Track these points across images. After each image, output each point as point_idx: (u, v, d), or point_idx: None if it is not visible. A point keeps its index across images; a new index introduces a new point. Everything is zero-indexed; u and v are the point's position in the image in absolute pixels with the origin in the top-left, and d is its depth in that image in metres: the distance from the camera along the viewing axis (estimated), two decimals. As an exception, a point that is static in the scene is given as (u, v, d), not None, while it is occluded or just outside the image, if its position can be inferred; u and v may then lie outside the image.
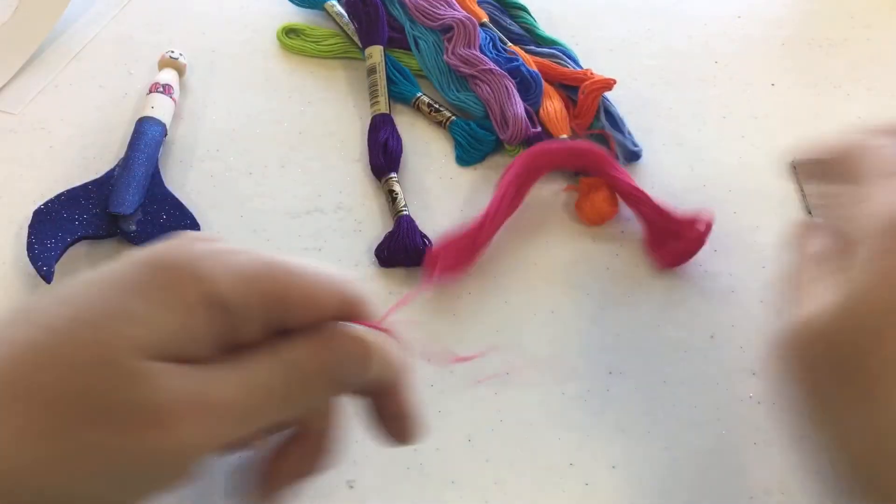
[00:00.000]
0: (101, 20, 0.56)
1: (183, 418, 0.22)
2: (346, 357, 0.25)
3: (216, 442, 0.23)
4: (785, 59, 0.54)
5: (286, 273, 0.24)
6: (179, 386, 0.22)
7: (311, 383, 0.25)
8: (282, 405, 0.24)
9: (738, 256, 0.42)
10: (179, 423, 0.22)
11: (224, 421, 0.23)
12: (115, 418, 0.21)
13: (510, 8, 0.55)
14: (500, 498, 0.34)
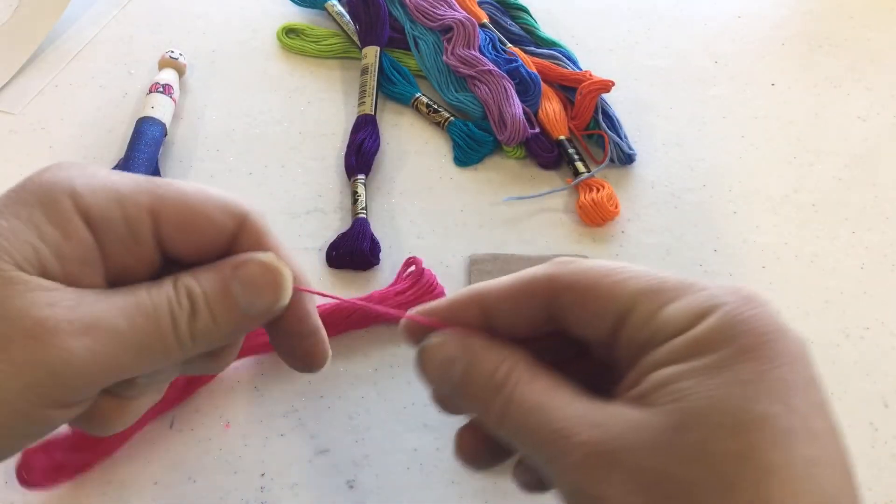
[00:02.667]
0: (101, 20, 0.56)
1: (65, 336, 0.21)
2: (252, 285, 0.24)
3: (106, 370, 0.21)
4: (785, 59, 0.54)
5: (165, 190, 0.23)
6: (63, 303, 0.21)
7: (210, 312, 0.23)
8: (177, 335, 0.23)
9: (738, 256, 0.42)
10: (61, 340, 0.21)
11: (111, 346, 0.21)
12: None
13: (511, 9, 0.55)
14: (499, 498, 0.34)
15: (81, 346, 0.21)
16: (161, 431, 0.35)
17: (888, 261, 0.42)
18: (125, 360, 0.22)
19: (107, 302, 0.22)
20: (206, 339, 0.24)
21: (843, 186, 0.46)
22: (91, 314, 0.22)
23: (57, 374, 0.21)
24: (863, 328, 0.39)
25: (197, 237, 0.24)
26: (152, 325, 0.22)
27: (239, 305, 0.23)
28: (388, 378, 0.37)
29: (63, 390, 0.21)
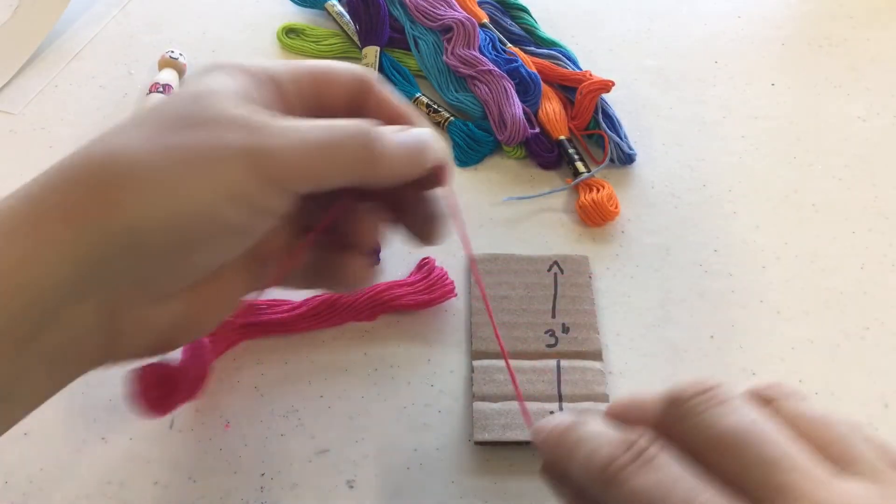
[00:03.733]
0: (101, 20, 0.56)
1: (278, 131, 0.25)
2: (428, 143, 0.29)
3: (310, 168, 0.26)
4: (785, 59, 0.54)
5: (303, 62, 0.30)
6: (270, 115, 0.26)
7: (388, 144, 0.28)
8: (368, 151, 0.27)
9: (738, 256, 0.42)
10: (275, 132, 0.25)
11: (314, 148, 0.26)
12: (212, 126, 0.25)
13: (511, 9, 0.55)
14: (499, 498, 0.34)
15: (288, 141, 0.25)
16: (161, 431, 0.35)
17: (888, 261, 0.42)
18: (319, 162, 0.26)
19: (306, 120, 0.27)
20: (382, 163, 0.28)
21: (843, 186, 0.46)
22: (294, 123, 0.26)
23: (267, 155, 0.25)
24: (863, 328, 0.39)
25: (335, 88, 0.30)
26: (341, 138, 0.27)
27: (400, 149, 0.28)
28: (388, 378, 0.37)
29: (271, 169, 0.25)
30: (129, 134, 0.24)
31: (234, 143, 0.25)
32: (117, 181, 0.23)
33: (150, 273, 0.24)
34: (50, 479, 0.34)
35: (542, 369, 0.37)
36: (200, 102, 0.25)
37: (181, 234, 0.24)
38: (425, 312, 0.40)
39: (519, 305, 0.39)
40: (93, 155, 0.24)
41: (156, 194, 0.23)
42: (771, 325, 0.39)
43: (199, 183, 0.24)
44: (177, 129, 0.25)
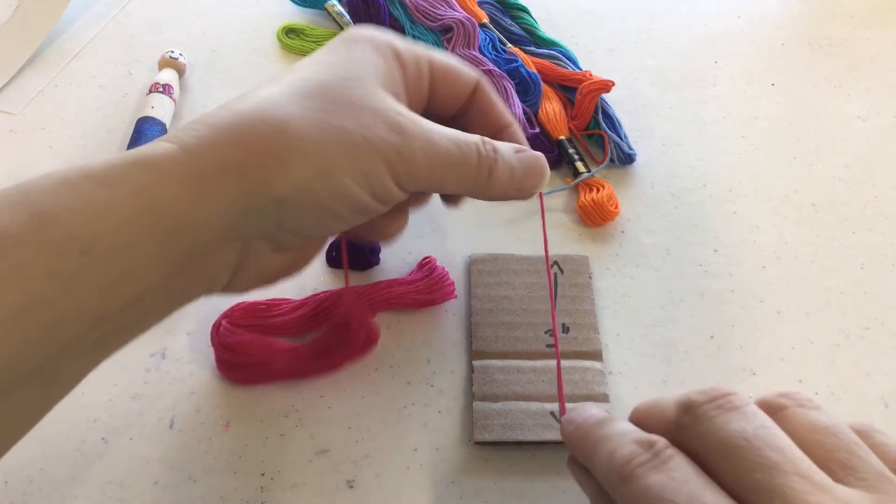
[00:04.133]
0: (101, 20, 0.56)
1: (413, 137, 0.29)
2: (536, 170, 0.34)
3: (428, 174, 0.30)
4: (785, 59, 0.54)
5: (434, 54, 0.33)
6: (409, 115, 0.29)
7: (505, 165, 0.32)
8: (480, 169, 0.31)
9: (738, 256, 0.42)
10: (409, 139, 0.29)
11: (437, 157, 0.29)
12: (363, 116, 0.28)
13: (511, 9, 0.55)
14: (499, 498, 0.34)
15: (421, 148, 0.29)
16: (161, 431, 0.35)
17: (888, 261, 0.42)
18: (441, 172, 0.30)
19: (437, 127, 0.30)
20: (497, 185, 0.32)
21: (843, 186, 0.46)
22: (427, 130, 0.30)
23: (404, 159, 0.29)
24: (863, 328, 0.39)
25: (452, 86, 0.33)
26: (467, 154, 0.30)
27: (517, 173, 0.33)
28: (388, 378, 0.37)
29: (403, 171, 0.29)
30: (289, 106, 0.27)
31: (383, 142, 0.28)
32: (282, 151, 0.27)
33: (287, 232, 0.28)
34: (50, 479, 0.34)
35: (543, 369, 0.37)
36: (353, 88, 0.29)
37: (321, 207, 0.28)
38: (425, 313, 0.40)
39: (519, 305, 0.39)
40: (257, 121, 0.27)
41: (311, 169, 0.27)
42: (771, 325, 0.39)
43: (347, 169, 0.28)
44: (333, 111, 0.28)
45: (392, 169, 0.28)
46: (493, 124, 0.35)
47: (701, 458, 0.24)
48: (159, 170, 0.25)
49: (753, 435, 0.23)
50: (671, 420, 0.25)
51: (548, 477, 0.34)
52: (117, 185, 0.25)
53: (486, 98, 0.34)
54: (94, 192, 0.24)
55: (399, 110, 0.29)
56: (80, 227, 0.24)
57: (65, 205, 0.24)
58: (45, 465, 0.34)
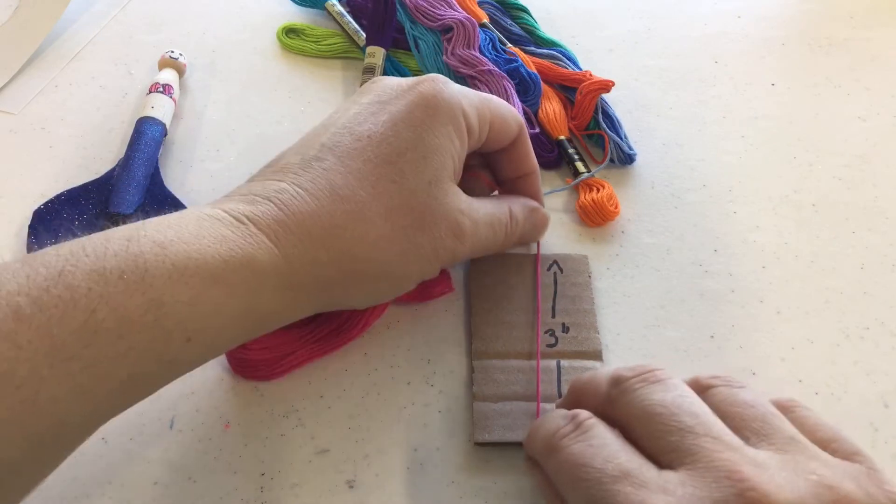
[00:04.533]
0: (101, 20, 0.56)
1: (466, 237, 0.33)
2: (539, 225, 0.39)
3: (465, 258, 0.37)
4: (785, 59, 0.54)
5: (494, 104, 0.35)
6: (465, 210, 0.33)
7: (520, 230, 0.37)
8: (504, 243, 0.37)
9: (738, 256, 0.42)
10: (463, 240, 0.33)
11: (477, 245, 0.35)
12: (438, 228, 0.32)
13: (511, 9, 0.55)
14: (499, 498, 0.34)
15: (468, 246, 0.34)
16: (161, 431, 0.35)
17: (888, 261, 0.42)
18: (475, 252, 0.36)
19: (480, 211, 0.34)
20: (510, 245, 0.38)
21: (843, 186, 0.46)
22: (475, 221, 0.34)
23: (455, 257, 0.34)
24: (863, 328, 0.39)
25: (501, 135, 0.36)
26: (497, 233, 0.36)
27: (526, 232, 0.38)
28: (388, 378, 0.37)
29: (448, 265, 0.35)
30: (381, 225, 0.31)
31: (446, 251, 0.33)
32: (368, 273, 0.32)
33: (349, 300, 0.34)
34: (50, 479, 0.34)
35: (543, 369, 0.37)
36: (435, 196, 0.32)
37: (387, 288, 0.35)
38: (425, 313, 0.40)
39: (519, 305, 0.39)
40: (354, 240, 0.31)
41: (387, 286, 0.34)
42: (771, 325, 0.39)
43: (413, 276, 0.34)
44: (415, 227, 0.32)
45: (443, 262, 0.34)
46: (522, 169, 0.38)
47: (626, 427, 0.26)
48: (264, 276, 0.29)
49: (671, 402, 0.25)
50: (603, 394, 0.27)
51: (548, 477, 0.34)
52: (228, 285, 0.28)
53: (523, 146, 0.38)
54: (208, 291, 0.27)
55: (462, 209, 0.33)
56: (190, 320, 0.27)
57: (179, 298, 0.26)
58: (45, 465, 0.34)
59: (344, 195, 0.30)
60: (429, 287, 0.39)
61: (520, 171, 0.38)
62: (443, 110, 0.32)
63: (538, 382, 0.36)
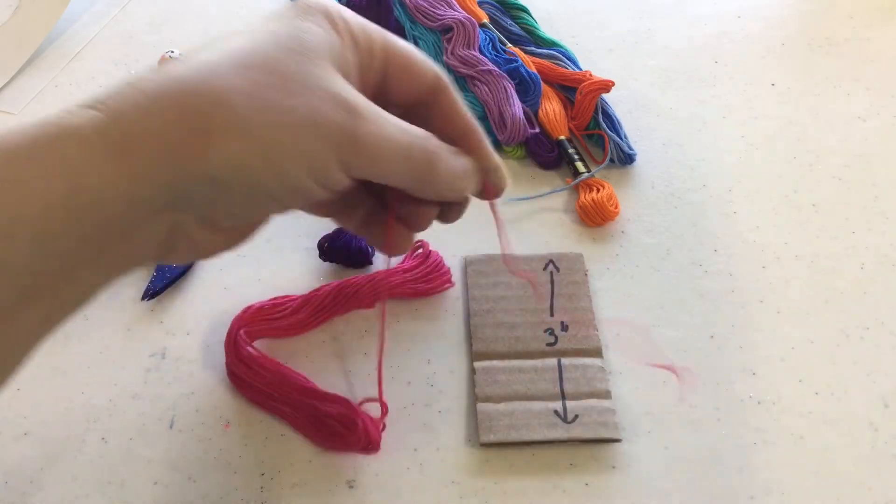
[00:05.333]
0: (101, 20, 0.56)
1: (365, 118, 0.27)
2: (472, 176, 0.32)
3: (377, 161, 0.27)
4: (785, 59, 0.54)
5: (394, 39, 0.30)
6: (360, 97, 0.27)
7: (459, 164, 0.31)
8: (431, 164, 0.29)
9: (738, 256, 0.42)
10: (361, 119, 0.27)
11: (386, 145, 0.27)
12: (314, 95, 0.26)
13: (511, 9, 0.55)
14: (500, 498, 0.34)
15: (372, 132, 0.27)
16: (161, 431, 0.35)
17: (888, 261, 0.42)
18: (389, 159, 0.28)
19: (386, 114, 0.28)
20: (438, 181, 0.30)
21: (843, 186, 0.46)
22: (378, 113, 0.27)
23: (354, 143, 0.26)
24: (863, 328, 0.39)
25: (409, 80, 0.30)
26: (414, 144, 0.28)
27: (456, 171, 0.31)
28: (388, 378, 0.37)
29: (351, 157, 0.27)
30: (231, 77, 0.25)
31: (333, 125, 0.26)
32: (220, 126, 0.24)
33: (219, 211, 0.27)
34: (50, 479, 0.34)
35: (544, 368, 0.37)
36: (302, 63, 0.26)
37: (258, 189, 0.26)
38: (425, 313, 0.40)
39: (517, 305, 0.39)
40: (196, 91, 0.25)
41: (250, 149, 0.25)
42: (771, 325, 0.39)
43: (291, 152, 0.25)
44: (278, 87, 0.25)
45: (340, 153, 0.26)
46: (455, 129, 0.32)
47: None
48: (84, 143, 0.24)
49: None
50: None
51: (548, 477, 0.34)
52: (41, 161, 0.24)
53: (447, 100, 0.31)
54: (18, 170, 0.23)
55: (351, 90, 0.27)
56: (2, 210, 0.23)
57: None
58: (45, 465, 0.34)
59: (186, 55, 0.26)
60: (429, 282, 0.39)
61: (455, 132, 0.31)
62: (316, 8, 0.28)
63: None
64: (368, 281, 0.39)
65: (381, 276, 0.39)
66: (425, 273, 0.40)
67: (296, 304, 0.38)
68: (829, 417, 0.36)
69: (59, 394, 0.37)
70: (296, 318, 0.38)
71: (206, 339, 0.39)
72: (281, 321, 0.38)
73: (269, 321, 0.38)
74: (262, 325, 0.38)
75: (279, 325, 0.38)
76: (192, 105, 0.24)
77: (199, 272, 0.42)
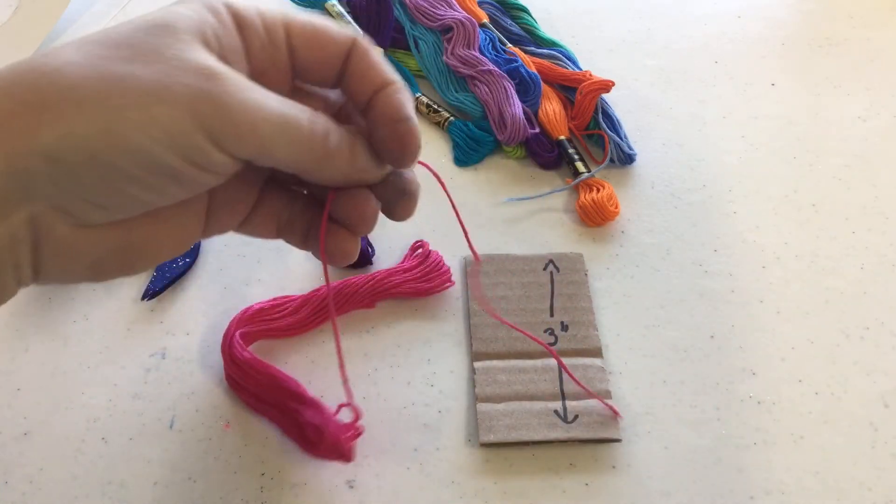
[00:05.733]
0: (101, 20, 0.56)
1: (232, 83, 0.24)
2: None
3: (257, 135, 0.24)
4: (785, 59, 0.54)
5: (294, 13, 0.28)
6: (227, 68, 0.24)
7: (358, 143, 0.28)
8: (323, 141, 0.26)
9: (738, 256, 0.42)
10: (228, 83, 0.24)
11: (265, 116, 0.24)
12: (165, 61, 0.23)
13: (511, 9, 0.55)
14: (500, 498, 0.34)
15: (241, 100, 0.24)
16: (161, 431, 0.35)
17: (888, 261, 0.42)
18: (270, 132, 0.24)
19: (261, 87, 0.25)
20: (336, 159, 0.27)
21: (843, 186, 0.46)
22: (250, 84, 0.25)
23: (218, 111, 0.23)
24: (863, 328, 0.39)
25: (320, 50, 0.28)
26: (297, 115, 0.26)
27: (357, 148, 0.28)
28: (388, 378, 0.37)
29: (220, 128, 0.23)
30: (71, 54, 0.23)
31: (185, 87, 0.23)
32: (51, 99, 0.22)
33: (72, 199, 0.23)
34: (50, 479, 0.34)
35: (544, 368, 0.37)
36: (156, 35, 0.24)
37: (108, 168, 0.23)
38: (425, 313, 0.40)
39: (517, 305, 0.39)
40: (29, 69, 0.23)
41: (86, 120, 0.22)
42: (771, 325, 0.39)
43: (138, 122, 0.22)
44: (123, 58, 0.23)
45: (203, 123, 0.23)
46: (371, 84, 0.28)
47: None
48: None
49: None
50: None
51: (548, 477, 0.34)
52: None
53: (362, 57, 0.28)
54: None
55: (216, 61, 0.24)
56: None
57: None
58: (45, 465, 0.34)
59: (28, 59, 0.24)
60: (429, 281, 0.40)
61: (372, 87, 0.28)
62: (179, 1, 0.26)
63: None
64: (368, 281, 0.39)
65: (380, 276, 0.39)
66: (425, 273, 0.40)
67: (296, 304, 0.39)
68: (829, 417, 0.36)
69: (59, 394, 0.37)
70: (295, 319, 0.38)
71: (206, 339, 0.39)
72: (280, 322, 0.38)
73: (268, 321, 0.38)
74: (261, 326, 0.38)
75: (279, 326, 0.38)
76: (25, 82, 0.22)
77: (199, 272, 0.42)
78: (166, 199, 0.25)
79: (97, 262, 0.26)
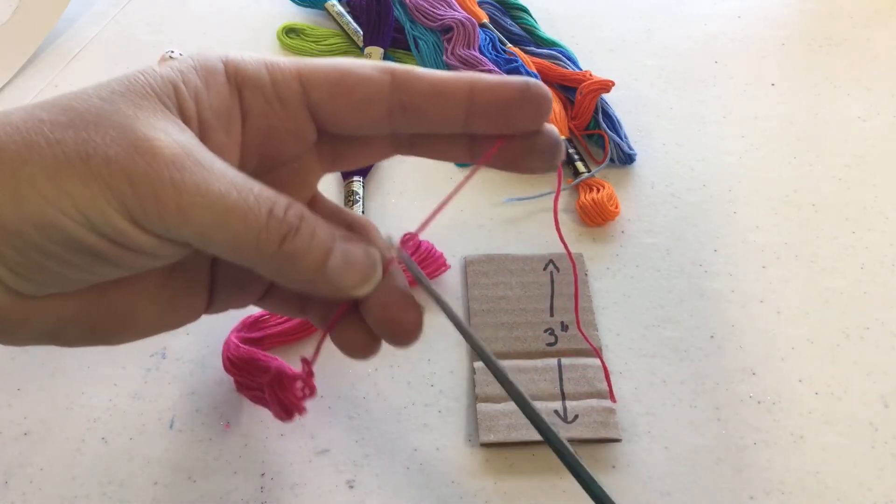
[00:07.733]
0: (101, 20, 0.56)
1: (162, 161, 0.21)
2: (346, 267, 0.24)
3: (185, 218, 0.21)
4: (785, 59, 0.54)
5: (315, 60, 0.25)
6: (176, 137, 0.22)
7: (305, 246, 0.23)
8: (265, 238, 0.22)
9: (738, 256, 0.42)
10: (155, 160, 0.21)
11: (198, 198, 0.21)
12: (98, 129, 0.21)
13: (511, 9, 0.55)
14: (500, 498, 0.34)
15: (176, 181, 0.21)
16: (161, 431, 0.35)
17: (888, 261, 0.42)
18: (207, 220, 0.21)
19: (220, 165, 0.22)
20: (296, 263, 0.23)
21: (843, 186, 0.46)
22: (203, 164, 0.22)
23: (139, 190, 0.21)
24: (863, 328, 0.39)
25: (349, 98, 0.24)
26: (251, 204, 0.22)
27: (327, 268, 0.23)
28: (388, 378, 0.37)
29: (139, 207, 0.21)
30: (16, 115, 0.22)
31: (105, 160, 0.21)
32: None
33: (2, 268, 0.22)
34: (50, 479, 0.34)
35: (544, 368, 0.37)
36: (109, 101, 0.22)
37: (18, 238, 0.21)
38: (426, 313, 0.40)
39: (517, 305, 0.39)
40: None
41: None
42: (771, 325, 0.39)
43: (45, 191, 0.21)
44: (62, 123, 0.21)
45: (122, 201, 0.21)
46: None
47: None
48: None
49: None
50: None
51: (548, 477, 0.34)
52: None
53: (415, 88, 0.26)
54: None
55: (167, 133, 0.22)
56: None
57: None
58: (45, 465, 0.34)
59: None
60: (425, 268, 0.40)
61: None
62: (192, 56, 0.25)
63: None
64: None
65: None
66: (419, 261, 0.40)
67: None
68: (829, 417, 0.36)
69: (59, 394, 0.37)
70: (294, 323, 0.38)
71: (206, 338, 0.39)
72: (276, 328, 0.38)
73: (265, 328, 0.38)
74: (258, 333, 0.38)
75: (275, 332, 0.38)
76: None
77: (199, 272, 0.42)
78: (99, 277, 0.23)
79: (55, 331, 0.24)
